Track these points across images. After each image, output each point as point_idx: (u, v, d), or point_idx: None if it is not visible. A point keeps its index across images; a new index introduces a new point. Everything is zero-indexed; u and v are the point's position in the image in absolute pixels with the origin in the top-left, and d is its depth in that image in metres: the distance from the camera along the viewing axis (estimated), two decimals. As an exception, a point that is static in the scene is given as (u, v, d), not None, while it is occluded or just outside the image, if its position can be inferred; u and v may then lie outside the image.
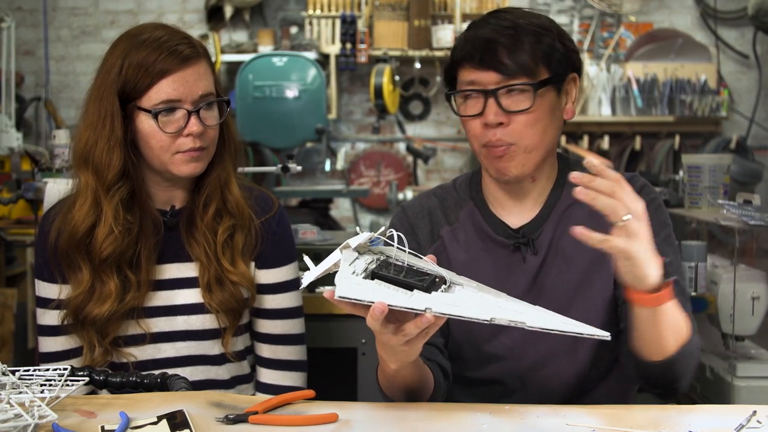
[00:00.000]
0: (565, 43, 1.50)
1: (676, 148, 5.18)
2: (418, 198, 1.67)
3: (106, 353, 1.64)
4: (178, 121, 1.56)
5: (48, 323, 1.67)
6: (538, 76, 1.46)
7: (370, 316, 1.16)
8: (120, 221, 1.58)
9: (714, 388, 2.42)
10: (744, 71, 5.49)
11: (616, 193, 1.21)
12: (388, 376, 1.38)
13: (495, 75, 1.45)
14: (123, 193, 1.59)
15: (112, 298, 1.59)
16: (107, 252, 1.58)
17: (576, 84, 1.55)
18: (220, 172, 1.66)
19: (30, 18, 5.66)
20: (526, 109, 1.46)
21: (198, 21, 5.64)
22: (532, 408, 1.33)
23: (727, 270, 2.39)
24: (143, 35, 1.58)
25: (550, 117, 1.49)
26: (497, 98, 1.46)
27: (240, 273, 1.66)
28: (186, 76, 1.56)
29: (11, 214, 4.06)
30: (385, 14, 5.32)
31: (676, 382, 1.40)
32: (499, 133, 1.47)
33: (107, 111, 1.56)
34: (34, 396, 1.24)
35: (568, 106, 1.54)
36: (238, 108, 4.86)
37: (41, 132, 5.62)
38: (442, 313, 1.14)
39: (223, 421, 1.26)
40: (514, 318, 1.13)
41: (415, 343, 1.22)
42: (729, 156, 2.83)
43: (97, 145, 1.58)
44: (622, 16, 5.46)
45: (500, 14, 1.51)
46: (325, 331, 2.18)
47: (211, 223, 1.66)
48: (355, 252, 1.22)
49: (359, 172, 5.64)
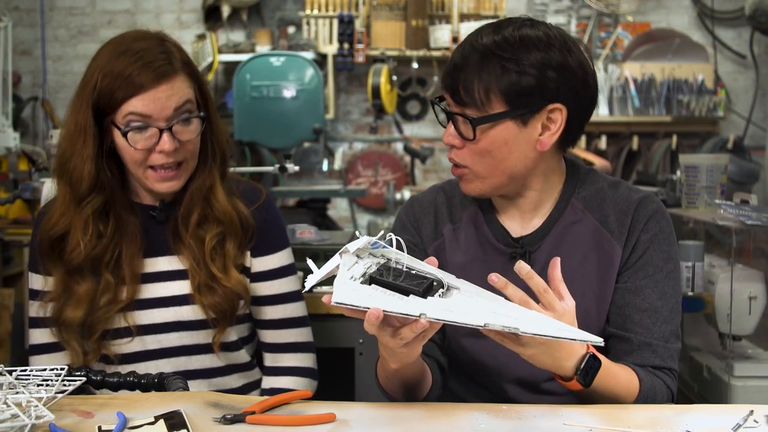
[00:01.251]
0: (547, 74, 1.39)
1: (674, 148, 5.19)
2: (428, 191, 1.66)
3: (96, 351, 1.64)
4: (150, 139, 1.56)
5: (36, 315, 1.68)
6: (488, 109, 1.40)
7: (366, 322, 1.17)
8: (89, 232, 1.60)
9: (711, 387, 2.42)
10: (741, 71, 5.50)
11: (523, 301, 1.23)
12: (388, 373, 1.40)
13: (449, 98, 1.45)
14: (95, 204, 1.61)
15: (85, 301, 1.61)
16: (77, 260, 1.61)
17: (562, 114, 1.43)
18: (203, 180, 1.66)
19: (27, 18, 5.65)
20: (471, 139, 1.43)
21: (195, 21, 5.63)
22: (530, 408, 1.33)
23: (725, 270, 2.39)
24: (122, 47, 1.57)
25: (505, 150, 1.43)
26: (455, 121, 1.45)
27: (233, 279, 1.66)
28: (158, 93, 1.55)
29: (8, 214, 4.05)
30: (382, 14, 5.32)
31: None
32: (453, 153, 1.47)
33: (81, 125, 1.58)
34: (31, 396, 1.23)
35: (545, 137, 1.44)
36: (236, 108, 4.85)
37: (38, 132, 5.61)
38: (436, 318, 1.16)
39: (220, 421, 1.26)
40: (507, 324, 1.16)
41: (414, 346, 1.24)
42: (726, 156, 2.83)
43: (72, 157, 1.59)
44: (620, 16, 5.46)
45: (500, 32, 1.42)
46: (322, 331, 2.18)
47: (196, 231, 1.66)
48: (354, 256, 1.23)
49: (357, 172, 5.64)
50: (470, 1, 5.32)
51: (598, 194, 1.55)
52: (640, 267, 1.50)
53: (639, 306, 1.50)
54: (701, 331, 2.59)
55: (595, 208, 1.53)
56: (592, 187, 1.56)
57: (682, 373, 2.66)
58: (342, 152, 5.39)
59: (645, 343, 1.48)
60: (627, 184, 1.58)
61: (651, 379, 1.45)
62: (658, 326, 1.49)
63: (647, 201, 1.53)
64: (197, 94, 1.63)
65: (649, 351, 1.48)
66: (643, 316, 1.49)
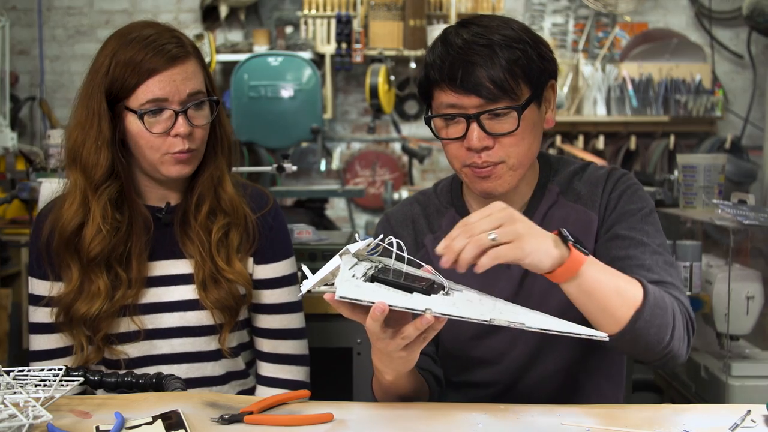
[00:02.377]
0: (541, 52, 1.44)
1: (671, 148, 5.19)
2: (401, 205, 1.65)
3: (99, 351, 1.64)
4: (165, 122, 1.56)
5: (39, 321, 1.67)
6: (520, 96, 1.41)
7: (370, 317, 1.16)
8: (108, 220, 1.59)
9: (709, 387, 2.43)
10: (738, 71, 5.50)
11: (469, 233, 1.17)
12: (384, 387, 1.38)
13: (476, 99, 1.39)
14: (111, 192, 1.59)
15: (101, 296, 1.59)
16: (95, 251, 1.59)
17: (554, 90, 1.49)
18: (213, 171, 1.66)
19: (25, 17, 5.65)
20: (511, 131, 1.41)
21: (193, 21, 5.63)
22: (528, 408, 1.33)
23: (722, 270, 2.40)
24: (132, 34, 1.58)
25: (534, 132, 1.46)
26: (480, 122, 1.40)
27: (236, 271, 1.66)
28: (173, 75, 1.55)
29: (6, 214, 4.05)
30: (380, 14, 5.32)
31: (657, 351, 1.32)
32: (485, 156, 1.42)
33: (95, 111, 1.57)
34: (29, 396, 1.23)
35: (548, 115, 1.49)
36: (234, 108, 4.85)
37: (36, 132, 5.61)
38: (441, 313, 1.15)
39: (218, 421, 1.26)
40: (512, 319, 1.14)
41: (413, 349, 1.22)
42: (724, 156, 2.83)
43: (85, 144, 1.58)
44: (617, 16, 5.47)
45: (473, 28, 1.43)
46: (321, 330, 2.18)
47: (205, 222, 1.65)
48: (354, 258, 1.22)
49: (355, 172, 5.64)
50: (468, 1, 5.32)
51: (569, 177, 1.55)
52: (615, 220, 1.48)
53: (624, 246, 1.45)
54: (699, 331, 2.59)
55: (568, 190, 1.54)
56: (565, 171, 1.56)
57: (679, 373, 2.67)
58: (340, 152, 5.39)
59: (638, 265, 1.41)
60: (595, 164, 1.59)
61: (654, 287, 1.33)
62: (648, 255, 1.43)
63: (615, 171, 1.54)
64: (207, 82, 1.63)
65: (644, 270, 1.41)
66: (630, 252, 1.44)
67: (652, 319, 1.29)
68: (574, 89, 5.32)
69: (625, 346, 1.31)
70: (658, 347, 1.31)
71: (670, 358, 1.34)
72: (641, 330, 1.28)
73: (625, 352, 1.39)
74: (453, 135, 1.44)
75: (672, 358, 1.34)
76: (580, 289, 1.25)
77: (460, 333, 1.54)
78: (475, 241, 1.16)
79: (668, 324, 1.31)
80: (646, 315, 1.28)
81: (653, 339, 1.30)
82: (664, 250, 1.47)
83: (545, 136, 4.89)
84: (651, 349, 1.32)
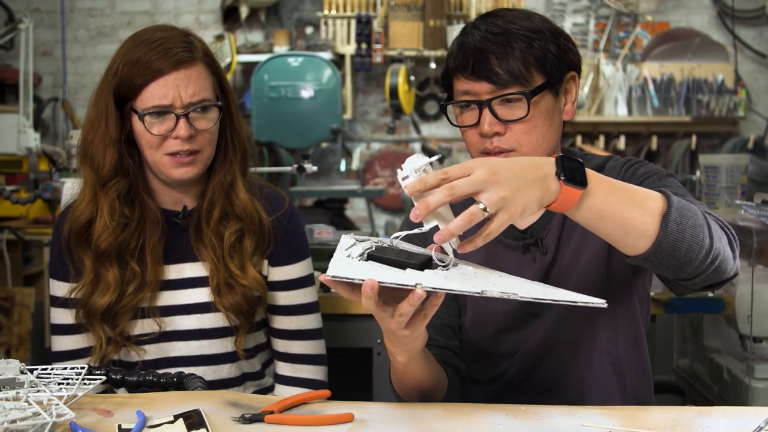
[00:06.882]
0: (560, 43, 1.47)
1: (693, 148, 5.16)
2: None
3: (117, 346, 1.65)
4: (167, 124, 1.58)
5: (60, 322, 1.69)
6: (531, 83, 1.43)
7: (363, 296, 1.14)
8: (116, 216, 1.62)
9: (731, 389, 2.41)
10: (762, 71, 5.45)
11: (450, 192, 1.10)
12: (398, 371, 1.38)
13: (487, 85, 1.44)
14: (120, 188, 1.62)
15: (112, 288, 1.62)
16: (104, 245, 1.61)
17: (576, 82, 1.52)
18: (224, 175, 1.67)
19: (48, 19, 5.70)
20: (521, 117, 1.44)
21: (214, 21, 5.66)
22: (548, 408, 1.32)
23: (745, 271, 2.37)
24: (144, 36, 1.60)
25: (548, 121, 1.47)
26: (492, 108, 1.44)
27: (250, 277, 1.66)
28: (177, 79, 1.56)
29: (29, 213, 4.09)
30: (400, 14, 5.32)
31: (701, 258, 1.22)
32: (497, 141, 1.45)
33: (102, 110, 1.60)
34: (52, 394, 1.24)
35: (568, 106, 1.51)
36: (254, 108, 4.87)
37: (58, 132, 5.66)
38: (432, 287, 1.13)
39: (239, 420, 1.26)
40: (505, 290, 1.13)
41: (416, 327, 1.21)
42: (746, 156, 2.81)
43: (94, 142, 1.62)
44: (639, 16, 5.44)
45: (490, 19, 1.48)
46: (341, 331, 2.18)
47: (217, 227, 1.67)
48: (352, 239, 1.23)
49: (374, 172, 5.64)
50: (488, 1, 5.31)
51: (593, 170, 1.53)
52: None
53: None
54: (721, 332, 2.57)
55: None
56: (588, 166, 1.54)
57: (701, 374, 2.65)
58: (359, 152, 5.40)
59: None
60: (617, 156, 1.58)
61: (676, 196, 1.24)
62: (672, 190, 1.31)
63: (633, 159, 1.54)
64: (216, 87, 1.64)
65: None
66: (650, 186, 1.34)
67: (682, 220, 1.20)
68: (595, 89, 5.30)
69: (666, 261, 1.22)
70: (701, 251, 1.22)
71: (720, 261, 1.25)
72: (674, 235, 1.19)
73: (670, 271, 1.26)
74: (467, 122, 1.48)
75: (723, 261, 1.25)
76: (590, 216, 1.18)
77: (485, 328, 1.54)
78: (468, 215, 1.08)
79: (701, 224, 1.23)
80: (675, 217, 1.20)
81: (690, 242, 1.20)
82: (697, 204, 1.35)
83: (565, 136, 4.88)
84: (693, 255, 1.22)
